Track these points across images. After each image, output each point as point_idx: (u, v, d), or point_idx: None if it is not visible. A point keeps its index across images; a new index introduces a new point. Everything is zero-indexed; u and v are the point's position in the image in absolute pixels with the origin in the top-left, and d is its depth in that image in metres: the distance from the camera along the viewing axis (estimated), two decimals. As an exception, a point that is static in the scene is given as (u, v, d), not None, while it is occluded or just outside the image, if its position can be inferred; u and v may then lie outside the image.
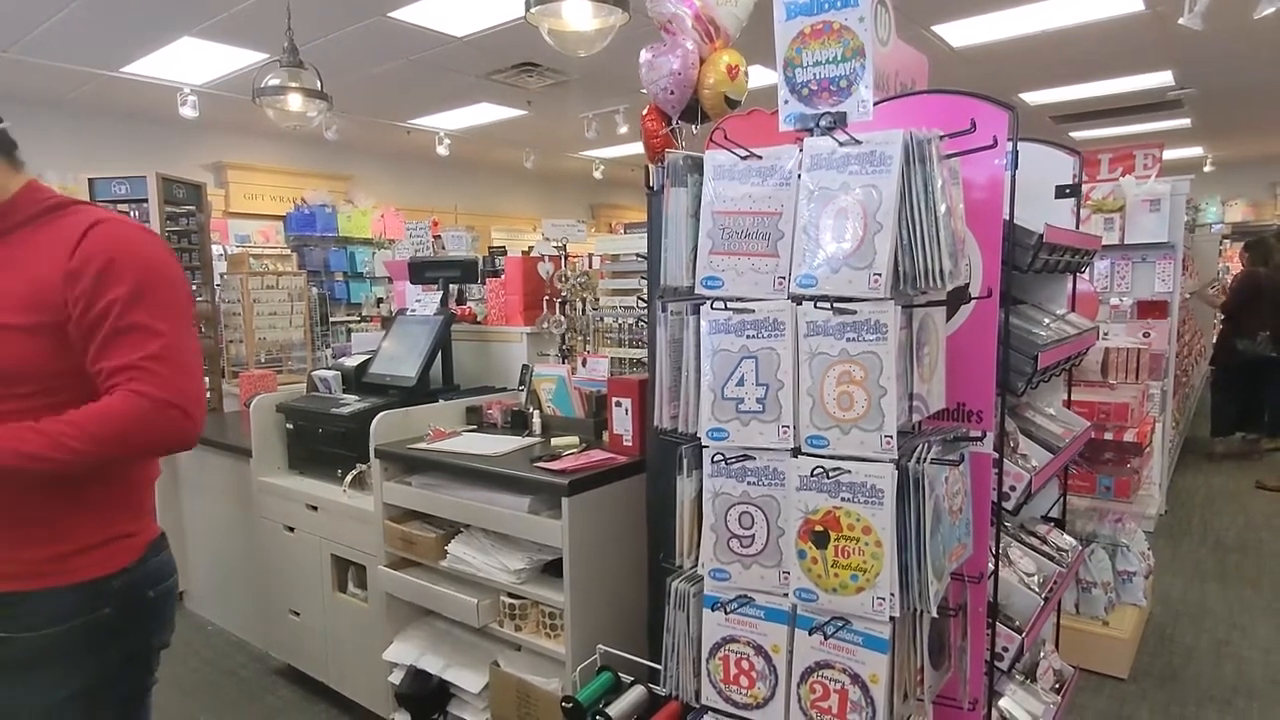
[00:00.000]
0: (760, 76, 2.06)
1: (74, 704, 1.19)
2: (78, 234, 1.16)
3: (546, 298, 3.04)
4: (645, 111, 2.04)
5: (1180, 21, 3.50)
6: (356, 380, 2.93)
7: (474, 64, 5.74)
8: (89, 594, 1.20)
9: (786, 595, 1.35)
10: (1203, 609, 3.45)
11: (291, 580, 2.85)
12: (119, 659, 1.25)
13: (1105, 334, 4.09)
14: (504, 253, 7.26)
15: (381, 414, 2.46)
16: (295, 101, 3.70)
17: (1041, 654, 2.12)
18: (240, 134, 7.71)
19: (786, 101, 1.36)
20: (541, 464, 2.13)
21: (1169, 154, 6.09)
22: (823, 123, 1.31)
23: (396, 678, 2.41)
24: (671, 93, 1.90)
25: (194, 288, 4.00)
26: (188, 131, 7.00)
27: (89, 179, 3.85)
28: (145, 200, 3.76)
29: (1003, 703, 1.86)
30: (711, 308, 1.36)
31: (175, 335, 1.19)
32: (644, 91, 1.97)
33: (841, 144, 1.27)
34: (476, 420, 2.70)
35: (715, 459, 1.39)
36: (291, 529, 2.80)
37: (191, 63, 5.47)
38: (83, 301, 1.14)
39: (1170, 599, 3.54)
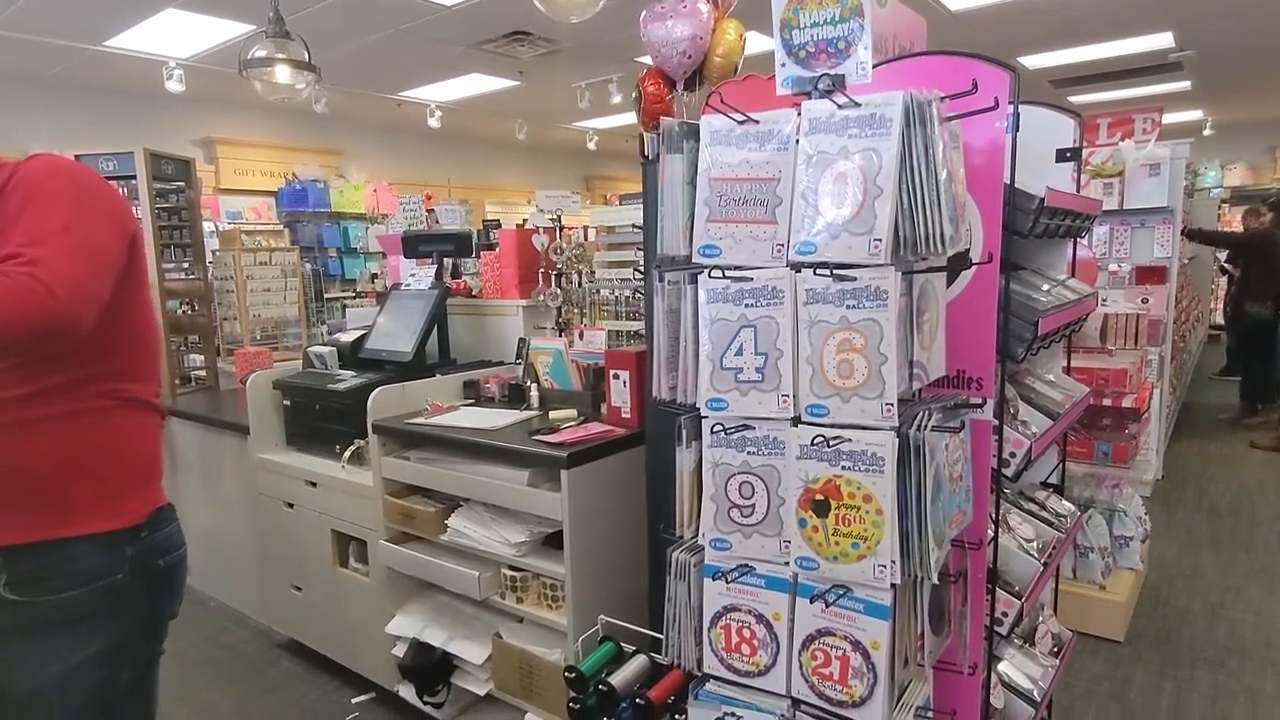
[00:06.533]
0: (755, 43, 2.03)
1: (93, 665, 1.24)
2: (9, 171, 1.17)
3: (542, 270, 3.01)
4: (644, 75, 2.00)
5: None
6: (352, 356, 2.92)
7: (464, 33, 5.64)
8: (102, 558, 1.25)
9: (787, 564, 1.35)
10: (1197, 573, 3.49)
11: (293, 556, 2.86)
12: (132, 625, 1.30)
13: (1104, 300, 4.08)
14: (498, 225, 7.19)
15: (378, 389, 2.45)
16: (283, 73, 3.64)
17: (1040, 618, 2.14)
18: (229, 108, 7.59)
19: (784, 64, 1.33)
20: (540, 437, 2.12)
21: (1169, 118, 6.04)
22: (821, 85, 1.28)
23: (400, 650, 2.43)
24: (689, 57, 1.87)
25: (186, 265, 3.96)
26: (175, 106, 6.89)
27: (75, 155, 3.79)
28: (134, 177, 3.71)
29: (1002, 667, 1.88)
30: (709, 276, 1.34)
31: (82, 229, 1.14)
32: (638, 60, 1.93)
33: (840, 107, 1.24)
34: (474, 394, 2.69)
35: (714, 429, 1.38)
36: (291, 505, 2.81)
37: (176, 35, 5.36)
38: (6, 213, 1.13)
39: (1165, 563, 3.57)
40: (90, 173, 1.25)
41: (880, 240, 1.18)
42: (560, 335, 2.86)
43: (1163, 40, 6.37)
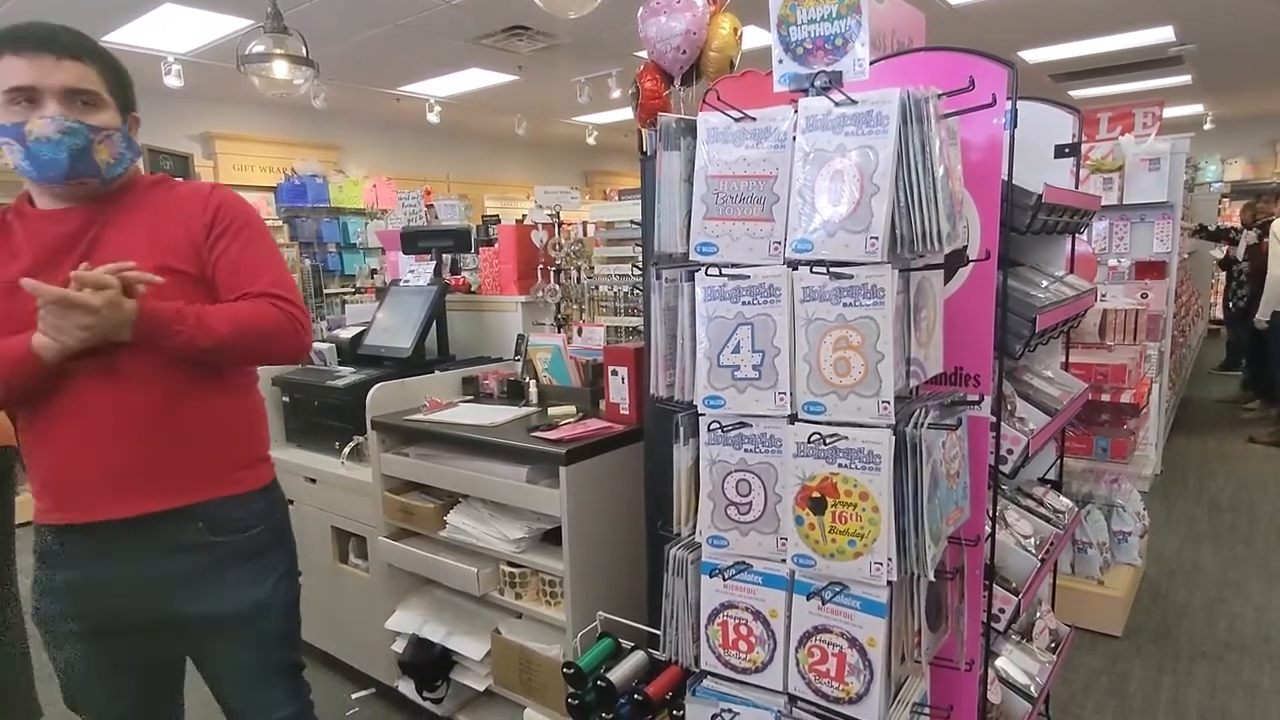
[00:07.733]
0: (752, 38, 2.02)
1: (283, 584, 1.56)
2: (204, 195, 1.46)
3: (541, 266, 3.01)
4: (641, 70, 2.00)
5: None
6: (352, 352, 2.91)
7: (462, 28, 5.63)
8: (265, 502, 1.55)
9: (784, 561, 1.35)
10: (1196, 567, 3.49)
11: (292, 552, 2.86)
12: (293, 549, 1.64)
13: (1103, 295, 4.08)
14: (497, 221, 7.18)
15: (377, 385, 2.45)
16: (280, 68, 3.63)
17: (1038, 614, 2.14)
18: (227, 104, 7.57)
19: (781, 61, 1.33)
20: (539, 433, 2.12)
21: (1169, 112, 6.02)
22: (818, 82, 1.28)
23: (399, 646, 2.43)
24: (684, 52, 1.87)
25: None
26: (173, 102, 6.86)
27: (73, 151, 3.79)
28: (132, 172, 3.71)
29: (999, 663, 1.88)
30: (706, 274, 1.34)
31: (285, 271, 1.50)
32: (637, 55, 1.94)
33: (837, 104, 1.24)
34: (473, 390, 2.69)
35: (712, 427, 1.38)
36: (291, 501, 2.79)
37: (174, 30, 5.34)
38: (218, 243, 1.42)
39: (1164, 558, 3.57)
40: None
41: (877, 238, 1.18)
42: (559, 331, 2.85)
43: (1163, 34, 6.35)
